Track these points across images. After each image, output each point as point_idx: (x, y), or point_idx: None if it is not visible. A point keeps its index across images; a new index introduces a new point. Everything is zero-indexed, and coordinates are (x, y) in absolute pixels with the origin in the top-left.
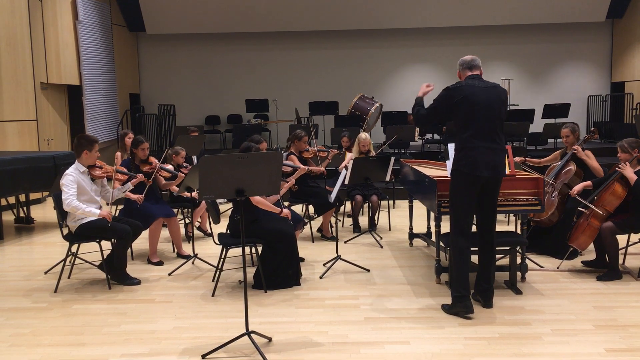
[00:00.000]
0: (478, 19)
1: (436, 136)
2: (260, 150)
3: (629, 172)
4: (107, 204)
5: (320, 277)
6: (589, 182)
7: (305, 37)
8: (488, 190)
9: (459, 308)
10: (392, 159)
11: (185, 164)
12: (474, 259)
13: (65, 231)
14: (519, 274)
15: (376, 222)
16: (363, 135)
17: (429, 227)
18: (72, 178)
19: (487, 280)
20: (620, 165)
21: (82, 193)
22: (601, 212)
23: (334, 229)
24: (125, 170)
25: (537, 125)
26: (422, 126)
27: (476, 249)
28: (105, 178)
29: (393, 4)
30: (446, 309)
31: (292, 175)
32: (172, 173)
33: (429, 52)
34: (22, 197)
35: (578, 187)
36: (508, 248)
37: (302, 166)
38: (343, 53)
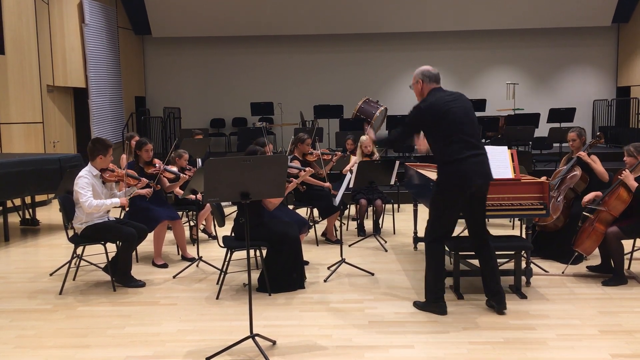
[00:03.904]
0: (483, 23)
1: None
2: (265, 153)
3: (629, 179)
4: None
5: (325, 281)
6: (599, 193)
7: (310, 41)
8: (478, 196)
9: (433, 307)
10: (397, 162)
11: (189, 167)
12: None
13: (71, 233)
14: (523, 278)
15: (381, 225)
16: (364, 137)
17: None
18: (87, 181)
19: (494, 282)
20: (622, 173)
21: (93, 196)
22: (605, 210)
23: (338, 233)
24: (136, 174)
25: (543, 130)
26: (397, 147)
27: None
28: (114, 182)
29: (398, 8)
30: (420, 305)
31: (297, 178)
32: (176, 174)
33: (434, 56)
34: (28, 199)
35: (589, 196)
36: (513, 252)
37: (307, 168)
38: (348, 57)
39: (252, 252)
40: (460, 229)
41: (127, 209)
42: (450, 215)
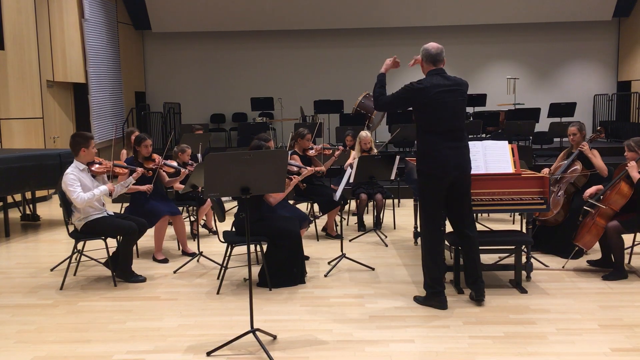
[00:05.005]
0: (484, 18)
1: None
2: (269, 148)
3: (633, 171)
4: (112, 200)
5: (325, 276)
6: (601, 187)
7: (311, 36)
8: (457, 189)
9: (434, 302)
10: (397, 157)
11: (190, 162)
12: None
13: (71, 228)
14: (524, 273)
15: (381, 220)
16: (363, 133)
17: None
18: (73, 177)
19: (474, 273)
20: (629, 164)
21: (84, 191)
22: (607, 207)
23: (338, 228)
24: (124, 163)
25: (543, 124)
26: (380, 110)
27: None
28: (105, 174)
29: (399, 2)
30: (420, 300)
31: (297, 175)
32: (176, 169)
33: None
34: (28, 195)
35: (591, 190)
36: (513, 247)
37: (308, 168)
38: (348, 51)
39: (252, 247)
40: None
41: (113, 194)
42: (435, 206)
